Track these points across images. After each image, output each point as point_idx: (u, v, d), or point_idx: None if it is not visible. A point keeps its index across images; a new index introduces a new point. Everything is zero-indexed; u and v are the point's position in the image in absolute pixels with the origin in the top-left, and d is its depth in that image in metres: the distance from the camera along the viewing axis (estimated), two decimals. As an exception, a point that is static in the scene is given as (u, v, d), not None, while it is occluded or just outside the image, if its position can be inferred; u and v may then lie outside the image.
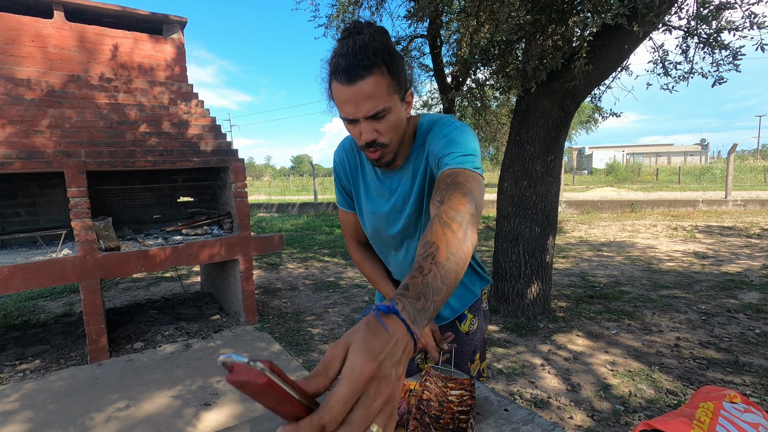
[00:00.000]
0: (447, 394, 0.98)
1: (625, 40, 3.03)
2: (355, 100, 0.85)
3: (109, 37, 3.49)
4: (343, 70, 0.83)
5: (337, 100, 0.87)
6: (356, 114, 0.87)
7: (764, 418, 0.56)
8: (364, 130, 0.90)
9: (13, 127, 2.93)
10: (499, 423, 0.97)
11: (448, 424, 0.88)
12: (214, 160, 3.59)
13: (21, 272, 2.85)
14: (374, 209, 1.12)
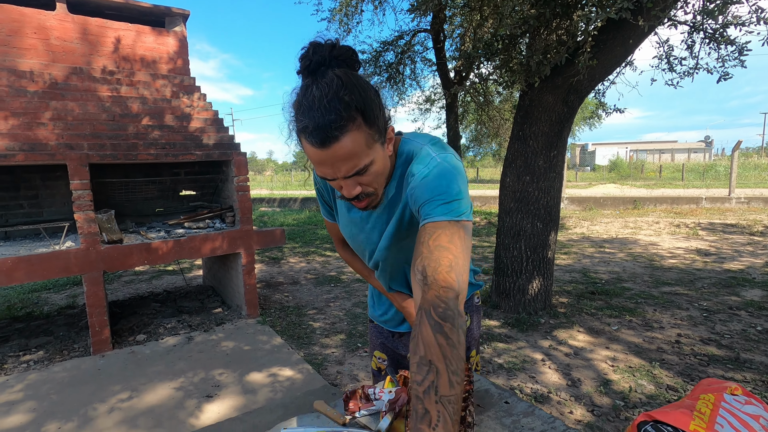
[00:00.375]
0: None
1: (630, 35, 3.01)
2: (332, 162, 0.77)
3: (111, 30, 3.49)
4: (312, 131, 0.73)
5: (310, 158, 0.78)
6: (335, 175, 0.80)
7: (765, 410, 0.56)
8: (345, 186, 0.83)
9: (16, 119, 2.94)
10: (499, 415, 0.97)
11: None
12: (217, 153, 3.59)
13: (24, 264, 2.86)
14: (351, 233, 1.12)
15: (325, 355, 3.20)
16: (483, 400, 1.03)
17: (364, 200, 0.87)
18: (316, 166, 0.80)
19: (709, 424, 0.52)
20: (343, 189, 0.83)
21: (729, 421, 0.53)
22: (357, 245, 1.14)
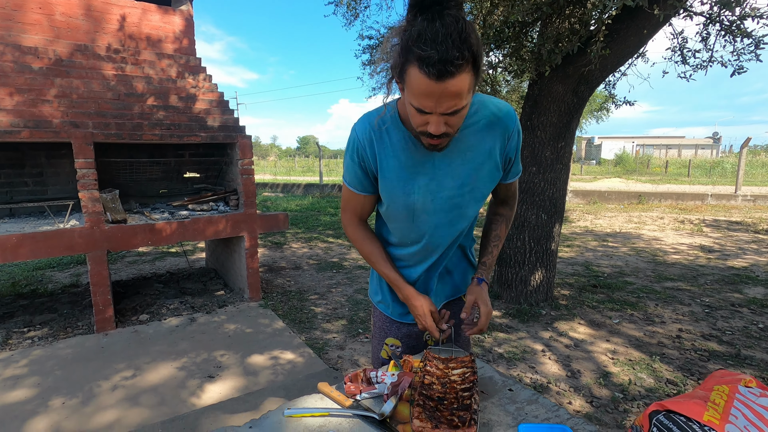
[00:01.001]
0: (449, 375, 0.99)
1: (645, 24, 2.95)
2: (439, 96, 0.79)
3: (116, 7, 3.44)
4: (433, 63, 0.75)
5: (416, 89, 0.80)
6: (435, 109, 0.82)
7: None
8: (435, 123, 0.85)
9: (21, 95, 2.92)
10: (503, 402, 0.97)
11: (452, 404, 0.88)
12: (221, 135, 3.56)
13: (29, 241, 2.87)
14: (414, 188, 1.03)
15: (327, 339, 3.22)
16: (487, 387, 1.03)
17: (440, 140, 0.90)
18: (418, 97, 0.81)
19: (723, 415, 0.51)
20: (431, 125, 0.85)
21: (743, 413, 0.53)
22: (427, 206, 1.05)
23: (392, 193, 1.06)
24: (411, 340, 1.27)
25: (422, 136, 0.91)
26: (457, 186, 1.05)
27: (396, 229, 1.15)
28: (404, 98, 0.89)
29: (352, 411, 0.91)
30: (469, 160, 1.03)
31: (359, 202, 1.13)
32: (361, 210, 1.16)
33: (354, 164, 1.06)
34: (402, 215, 1.09)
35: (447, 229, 1.11)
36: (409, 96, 0.84)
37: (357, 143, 1.04)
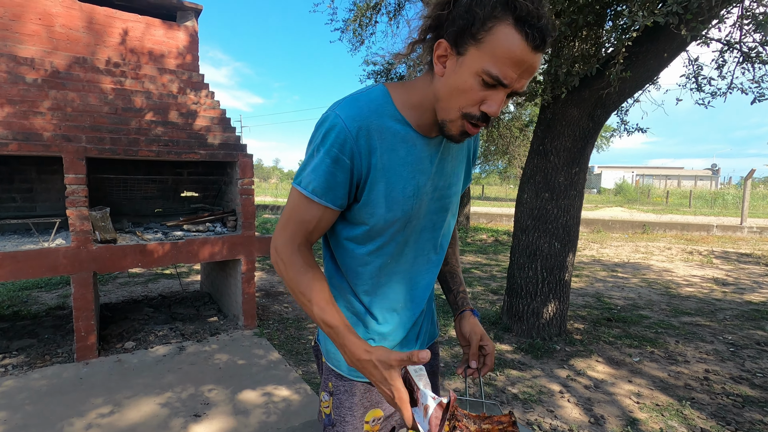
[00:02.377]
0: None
1: (666, 47, 2.84)
2: (525, 69, 0.68)
3: (119, 20, 3.35)
4: (538, 27, 0.65)
5: (504, 53, 0.66)
6: (512, 82, 0.69)
7: None
8: (498, 101, 0.70)
9: (12, 107, 2.78)
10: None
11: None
12: (222, 154, 3.41)
13: (9, 260, 2.67)
14: (416, 189, 0.84)
15: (325, 374, 2.97)
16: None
17: (480, 128, 0.76)
18: (504, 62, 0.67)
19: None
20: (492, 103, 0.71)
21: None
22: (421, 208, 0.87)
23: (391, 196, 0.82)
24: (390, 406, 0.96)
25: (463, 120, 0.74)
26: (447, 186, 0.91)
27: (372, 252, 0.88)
28: (456, 68, 0.71)
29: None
30: (455, 158, 0.92)
31: (316, 218, 0.82)
32: (314, 230, 0.83)
33: (332, 164, 0.77)
34: (397, 224, 0.85)
35: (430, 235, 0.92)
36: (481, 61, 0.67)
37: (344, 135, 0.76)
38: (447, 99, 0.74)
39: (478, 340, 0.93)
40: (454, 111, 0.73)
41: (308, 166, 0.79)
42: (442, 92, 0.74)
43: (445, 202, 0.92)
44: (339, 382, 0.94)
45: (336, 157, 0.76)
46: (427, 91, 0.78)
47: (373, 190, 0.81)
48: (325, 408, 0.97)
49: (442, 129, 0.78)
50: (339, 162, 0.77)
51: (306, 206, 0.81)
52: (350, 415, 0.93)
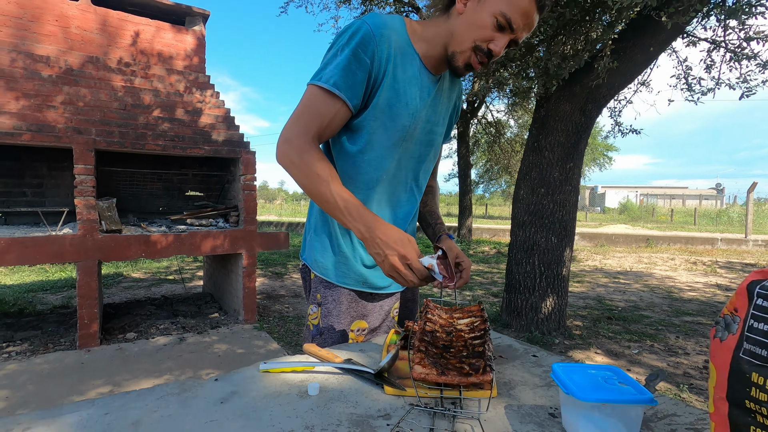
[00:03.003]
0: (455, 324, 0.83)
1: (651, 42, 2.96)
2: (528, 22, 0.85)
3: (131, 23, 3.54)
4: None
5: (518, 4, 0.82)
6: (517, 28, 0.84)
7: None
8: (502, 43, 0.85)
9: (27, 100, 2.92)
10: (527, 366, 0.81)
11: (461, 351, 0.72)
12: (225, 150, 3.53)
13: (18, 246, 2.76)
14: (415, 110, 0.93)
15: (323, 362, 2.98)
16: (507, 353, 0.87)
17: (485, 65, 0.90)
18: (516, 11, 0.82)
19: None
20: (498, 43, 0.85)
21: None
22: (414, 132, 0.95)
23: (396, 107, 0.90)
24: (376, 318, 1.03)
25: (472, 52, 0.87)
26: (435, 123, 1.02)
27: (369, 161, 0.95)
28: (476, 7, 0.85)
29: (344, 365, 0.75)
30: (447, 101, 1.04)
31: (331, 112, 0.85)
32: (327, 126, 0.86)
33: (356, 62, 0.84)
34: (394, 137, 0.93)
35: (415, 164, 1.02)
36: (498, 5, 0.82)
37: (369, 37, 0.84)
38: (463, 32, 0.87)
39: (455, 257, 0.99)
40: (468, 42, 0.86)
41: (330, 64, 0.85)
42: (460, 27, 0.87)
43: (432, 137, 1.02)
44: (327, 291, 1.00)
45: (358, 56, 0.84)
46: (440, 29, 0.90)
47: (382, 96, 0.89)
48: (312, 320, 1.02)
49: (450, 60, 0.90)
50: (361, 61, 0.84)
51: (324, 99, 0.85)
52: (337, 322, 0.99)
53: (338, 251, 0.99)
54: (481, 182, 19.89)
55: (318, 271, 1.01)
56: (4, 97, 2.87)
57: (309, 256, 1.04)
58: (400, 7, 6.40)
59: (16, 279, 6.01)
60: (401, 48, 0.90)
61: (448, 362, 0.68)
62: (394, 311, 1.07)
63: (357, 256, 0.99)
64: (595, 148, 22.53)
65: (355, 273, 0.99)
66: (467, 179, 11.26)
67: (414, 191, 1.06)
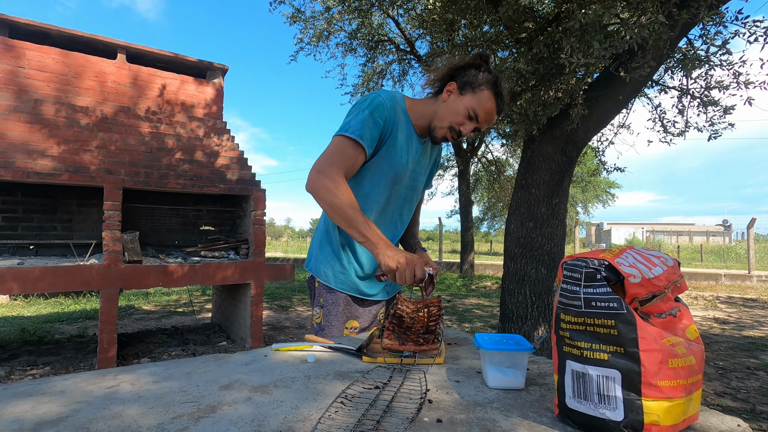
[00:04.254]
0: (418, 312, 1.10)
1: (620, 92, 3.32)
2: (489, 119, 1.21)
3: (159, 78, 4.00)
4: (502, 103, 1.21)
5: (484, 105, 1.18)
6: (481, 123, 1.21)
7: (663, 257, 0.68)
8: (469, 129, 1.22)
9: (67, 145, 3.31)
10: (473, 349, 1.06)
11: (419, 330, 0.99)
12: (238, 188, 3.87)
13: (50, 274, 3.05)
14: (406, 162, 1.25)
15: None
16: (462, 342, 1.12)
17: (455, 139, 1.25)
18: (481, 109, 1.19)
19: (615, 255, 0.65)
20: (467, 127, 1.21)
21: (633, 256, 0.66)
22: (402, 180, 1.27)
23: (394, 159, 1.23)
24: (366, 320, 1.32)
25: (448, 130, 1.23)
26: (419, 173, 1.35)
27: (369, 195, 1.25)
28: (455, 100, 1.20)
29: (334, 345, 1.02)
30: (429, 158, 1.38)
31: (354, 155, 1.13)
32: (351, 166, 1.14)
33: (372, 120, 1.15)
34: (389, 180, 1.25)
35: (402, 202, 1.33)
36: (471, 102, 1.19)
37: (383, 105, 1.18)
38: (444, 115, 1.23)
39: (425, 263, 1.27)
40: (446, 122, 1.23)
41: (353, 121, 1.15)
42: (442, 111, 1.23)
43: (415, 183, 1.36)
44: (328, 295, 1.29)
45: (375, 119, 1.16)
46: (429, 108, 1.26)
47: (387, 150, 1.22)
48: (317, 319, 1.32)
49: (432, 132, 1.26)
50: (376, 122, 1.17)
51: (349, 146, 1.13)
52: (336, 320, 1.28)
53: (338, 263, 1.28)
54: (485, 219, 20.18)
55: (322, 279, 1.30)
56: (48, 142, 3.26)
57: (314, 266, 1.34)
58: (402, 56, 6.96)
59: (33, 311, 6.27)
60: (402, 117, 1.24)
61: (408, 337, 0.95)
62: (380, 315, 1.36)
63: (352, 269, 1.29)
64: (597, 185, 22.92)
65: (350, 281, 1.28)
66: (469, 216, 11.55)
67: (398, 223, 1.38)
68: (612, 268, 0.61)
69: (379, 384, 0.78)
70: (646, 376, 0.56)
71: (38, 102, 3.38)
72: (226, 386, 0.78)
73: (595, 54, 2.40)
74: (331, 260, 1.29)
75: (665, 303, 0.63)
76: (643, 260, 0.64)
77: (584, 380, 0.61)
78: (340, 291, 1.28)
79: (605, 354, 0.59)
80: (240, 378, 0.83)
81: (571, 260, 0.66)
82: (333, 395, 0.73)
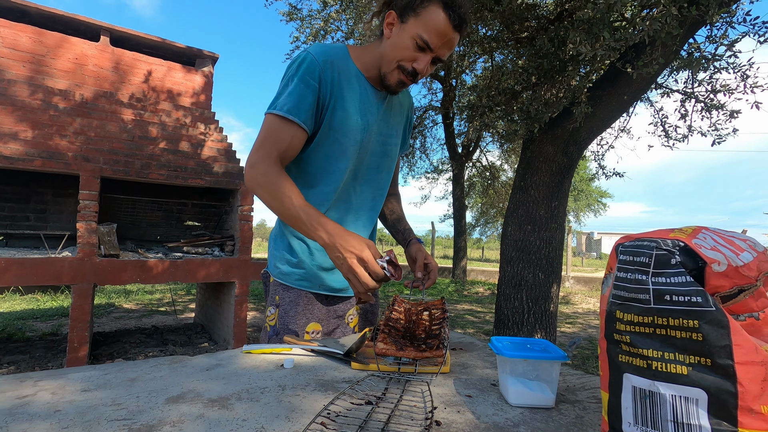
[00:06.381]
0: (417, 313, 0.94)
1: (624, 91, 3.20)
2: (447, 41, 0.94)
3: (144, 63, 3.81)
4: (459, 13, 0.91)
5: (432, 24, 0.91)
6: (437, 49, 0.94)
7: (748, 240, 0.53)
8: (425, 62, 0.96)
9: (42, 129, 3.10)
10: (482, 356, 0.90)
11: (420, 335, 0.82)
12: (225, 181, 3.69)
13: (16, 266, 2.84)
14: (367, 125, 1.03)
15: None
16: (468, 348, 0.96)
17: (413, 81, 1.00)
18: (431, 32, 0.92)
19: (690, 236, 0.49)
20: (420, 62, 0.96)
21: (712, 237, 0.50)
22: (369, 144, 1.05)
23: (346, 124, 1.00)
24: (331, 323, 1.11)
25: (398, 71, 0.97)
26: (389, 135, 1.12)
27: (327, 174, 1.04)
28: (398, 32, 0.95)
29: (317, 347, 0.85)
30: (399, 114, 1.15)
31: (289, 136, 0.95)
32: (286, 149, 0.95)
33: (305, 88, 0.95)
34: (349, 150, 1.03)
35: (375, 174, 1.11)
36: (416, 28, 0.92)
37: (314, 65, 0.96)
38: (389, 54, 0.97)
39: (423, 259, 1.09)
40: (393, 63, 0.97)
41: (282, 94, 0.95)
42: (387, 50, 0.98)
43: (387, 148, 1.12)
44: (285, 293, 1.07)
45: (307, 82, 0.95)
46: (375, 53, 1.02)
47: (333, 115, 0.99)
48: (270, 321, 1.10)
49: (383, 80, 1.00)
50: (309, 86, 0.95)
51: (281, 126, 0.94)
52: (293, 323, 1.06)
53: (296, 257, 1.07)
54: (478, 225, 20.12)
55: (278, 277, 1.09)
56: (20, 125, 3.05)
57: (270, 263, 1.13)
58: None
59: (6, 307, 5.98)
60: (346, 71, 1.01)
61: (407, 342, 0.78)
62: (348, 317, 1.14)
63: (314, 262, 1.07)
64: (590, 194, 23.01)
65: (312, 276, 1.07)
66: (462, 220, 11.43)
67: (376, 197, 1.15)
68: (689, 251, 0.46)
69: (372, 398, 0.62)
70: (744, 399, 0.41)
71: (11, 83, 3.17)
72: (175, 398, 0.61)
73: (604, 45, 2.27)
74: (287, 255, 1.08)
75: (755, 300, 0.48)
76: (725, 243, 0.48)
77: (652, 401, 0.45)
78: (300, 289, 1.07)
79: (684, 367, 0.43)
80: (195, 387, 0.66)
81: (630, 241, 0.50)
82: (312, 412, 0.57)
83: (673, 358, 0.44)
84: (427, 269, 1.09)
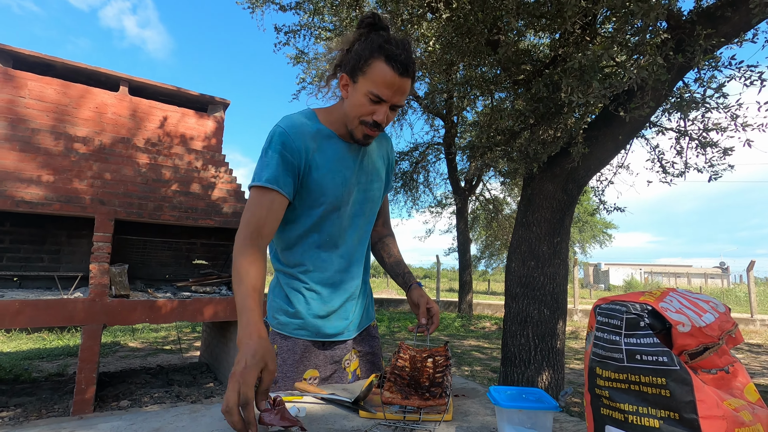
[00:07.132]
0: (421, 360, 0.99)
1: (619, 131, 3.32)
2: (397, 89, 0.98)
3: (159, 110, 4.00)
4: (401, 61, 0.95)
5: (380, 79, 0.96)
6: (390, 99, 0.99)
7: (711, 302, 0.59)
8: (383, 112, 1.01)
9: (61, 174, 3.25)
10: (483, 402, 0.94)
11: (424, 383, 0.87)
12: (234, 221, 3.79)
13: (30, 308, 2.90)
14: (344, 179, 1.09)
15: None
16: (470, 394, 1.01)
17: (378, 131, 1.05)
18: (380, 86, 0.97)
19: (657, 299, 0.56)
20: (379, 114, 1.00)
21: (677, 300, 0.57)
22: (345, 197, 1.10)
23: (323, 184, 1.07)
24: (328, 368, 1.14)
25: (362, 126, 1.03)
26: (370, 181, 1.16)
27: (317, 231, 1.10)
28: (353, 92, 1.02)
29: (327, 396, 0.90)
30: (378, 159, 1.20)
31: (269, 206, 0.98)
32: (266, 220, 0.98)
33: (280, 158, 1.01)
34: (330, 208, 1.08)
35: (361, 220, 1.15)
36: (366, 86, 0.98)
37: (285, 136, 1.02)
38: (350, 113, 1.04)
39: (425, 303, 1.15)
40: (355, 120, 1.03)
41: (261, 168, 1.01)
42: (347, 109, 1.04)
43: (370, 193, 1.17)
44: (284, 342, 1.11)
45: (281, 153, 1.01)
46: (339, 112, 1.09)
47: (310, 179, 1.06)
48: None
49: (351, 136, 1.07)
50: (283, 157, 1.01)
51: (261, 196, 0.98)
52: (292, 371, 1.10)
53: (293, 308, 1.11)
54: (483, 258, 20.03)
55: (276, 327, 1.13)
56: (40, 171, 3.20)
57: (269, 314, 1.17)
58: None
59: (13, 346, 5.99)
60: (317, 135, 1.07)
61: (412, 390, 0.83)
62: (345, 362, 1.17)
63: (310, 311, 1.10)
64: (594, 225, 22.97)
65: (309, 325, 1.11)
66: (467, 254, 11.43)
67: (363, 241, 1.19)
68: (656, 314, 0.52)
69: (380, 447, 0.67)
70: (708, 450, 0.46)
71: (35, 131, 3.34)
72: (200, 448, 0.67)
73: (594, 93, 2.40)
74: (285, 306, 1.12)
75: (720, 357, 0.54)
76: (690, 305, 0.55)
77: (630, 452, 0.50)
78: (297, 338, 1.11)
79: (656, 420, 0.49)
80: (217, 437, 0.71)
81: (605, 304, 0.57)
82: (325, 461, 0.62)
83: (646, 412, 0.50)
84: (430, 314, 1.15)
